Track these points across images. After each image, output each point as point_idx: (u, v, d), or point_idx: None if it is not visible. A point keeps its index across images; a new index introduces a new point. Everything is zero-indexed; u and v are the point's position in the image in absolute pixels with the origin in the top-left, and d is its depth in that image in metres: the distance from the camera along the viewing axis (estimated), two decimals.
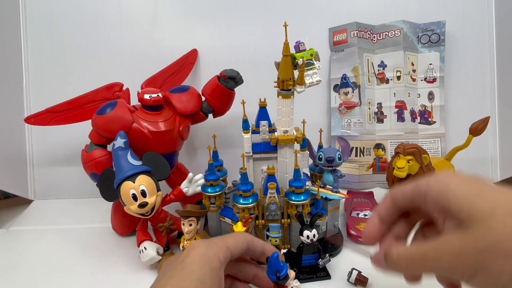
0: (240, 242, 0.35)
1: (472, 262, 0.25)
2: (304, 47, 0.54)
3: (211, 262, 0.31)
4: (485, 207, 0.25)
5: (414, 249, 0.30)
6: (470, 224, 0.26)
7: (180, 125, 0.70)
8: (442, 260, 0.26)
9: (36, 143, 0.88)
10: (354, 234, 0.64)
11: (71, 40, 0.87)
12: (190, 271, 0.30)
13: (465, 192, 0.27)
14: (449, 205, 0.27)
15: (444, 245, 0.27)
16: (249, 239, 0.36)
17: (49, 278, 0.57)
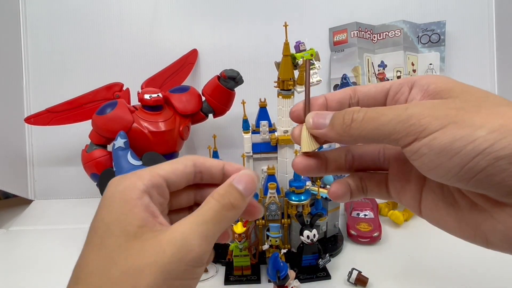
0: (179, 165, 0.26)
1: (450, 113, 0.20)
2: (304, 47, 0.54)
3: (123, 196, 0.23)
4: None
5: (373, 109, 0.23)
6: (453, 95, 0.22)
7: (180, 125, 0.70)
8: (411, 107, 0.22)
9: (36, 143, 0.88)
10: (354, 234, 0.64)
11: (71, 40, 0.87)
12: (99, 219, 0.24)
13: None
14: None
15: (418, 101, 0.23)
16: (196, 160, 0.26)
17: (49, 278, 0.57)
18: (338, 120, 0.24)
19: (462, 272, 0.55)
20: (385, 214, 0.71)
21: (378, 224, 0.65)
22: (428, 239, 0.65)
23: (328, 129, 0.25)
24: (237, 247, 0.54)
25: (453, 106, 0.21)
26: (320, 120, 0.25)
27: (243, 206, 0.25)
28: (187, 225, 0.22)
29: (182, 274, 0.21)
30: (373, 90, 0.26)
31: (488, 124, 0.19)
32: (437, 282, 0.54)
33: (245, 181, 0.25)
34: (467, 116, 0.20)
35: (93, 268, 0.22)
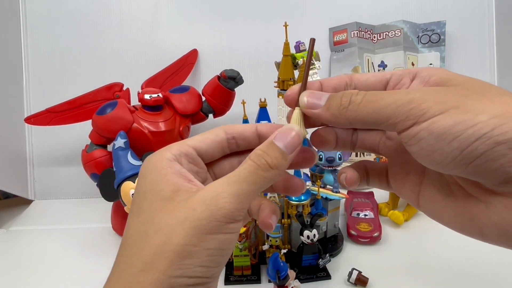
0: (210, 135, 0.26)
1: (451, 98, 0.20)
2: (304, 47, 0.54)
3: (154, 167, 0.24)
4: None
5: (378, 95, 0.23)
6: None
7: (180, 125, 0.70)
8: (412, 92, 0.22)
9: (36, 143, 0.88)
10: (354, 234, 0.64)
11: (71, 40, 0.87)
12: (137, 191, 0.24)
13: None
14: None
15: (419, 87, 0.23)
16: (226, 127, 0.26)
17: (49, 278, 0.57)
18: (335, 101, 0.24)
19: (462, 272, 0.55)
20: (385, 214, 0.71)
21: (378, 224, 0.65)
22: (428, 239, 0.65)
23: (323, 109, 0.24)
24: (237, 247, 0.54)
25: (455, 92, 0.21)
26: (315, 100, 0.25)
27: (283, 165, 0.24)
28: (219, 184, 0.23)
29: (214, 229, 0.22)
30: (371, 79, 0.26)
31: (490, 110, 0.19)
32: (437, 282, 0.54)
33: (288, 137, 0.24)
34: (469, 102, 0.20)
35: (133, 231, 0.23)
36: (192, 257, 0.21)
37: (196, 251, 0.21)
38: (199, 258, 0.21)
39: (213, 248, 0.22)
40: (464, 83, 0.22)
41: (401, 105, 0.21)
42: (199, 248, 0.21)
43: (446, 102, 0.20)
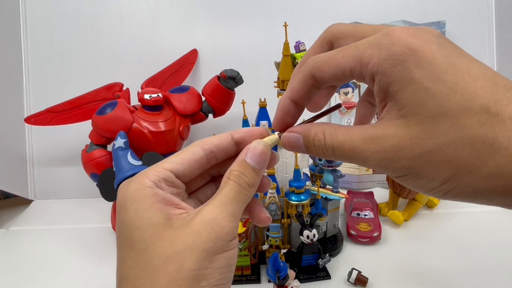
0: (186, 154, 0.26)
1: (405, 165, 0.21)
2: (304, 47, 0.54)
3: (136, 196, 0.23)
4: (434, 105, 0.20)
5: (345, 136, 0.23)
6: (411, 122, 0.21)
7: (180, 125, 0.70)
8: (373, 157, 0.22)
9: (36, 143, 0.88)
10: (354, 234, 0.64)
11: (71, 40, 0.87)
12: (120, 223, 0.24)
13: (422, 77, 0.20)
14: (401, 92, 0.21)
15: (375, 142, 0.22)
16: (203, 144, 0.26)
17: (49, 278, 0.57)
18: (315, 152, 0.25)
19: (461, 272, 0.55)
20: (385, 214, 0.71)
21: (378, 224, 0.65)
22: (427, 239, 0.65)
23: (306, 151, 0.26)
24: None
25: (405, 155, 0.22)
26: (298, 149, 0.27)
27: (258, 181, 0.26)
28: (215, 206, 0.24)
29: (221, 248, 0.23)
30: (333, 78, 0.24)
31: (439, 176, 0.21)
32: (437, 282, 0.54)
33: (256, 153, 0.26)
34: (419, 168, 0.21)
35: (132, 263, 0.22)
36: (206, 278, 0.22)
37: (209, 272, 0.22)
38: (213, 278, 0.22)
39: (223, 266, 0.23)
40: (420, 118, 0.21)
41: (369, 166, 0.23)
42: (211, 269, 0.22)
43: (401, 169, 0.22)
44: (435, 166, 0.21)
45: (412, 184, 0.23)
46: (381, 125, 0.22)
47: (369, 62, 0.22)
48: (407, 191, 0.68)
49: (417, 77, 0.21)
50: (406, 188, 0.68)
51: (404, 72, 0.21)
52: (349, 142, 0.23)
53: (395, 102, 0.22)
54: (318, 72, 0.24)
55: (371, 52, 0.22)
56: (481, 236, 0.64)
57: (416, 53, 0.21)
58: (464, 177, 0.20)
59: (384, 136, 0.22)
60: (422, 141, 0.21)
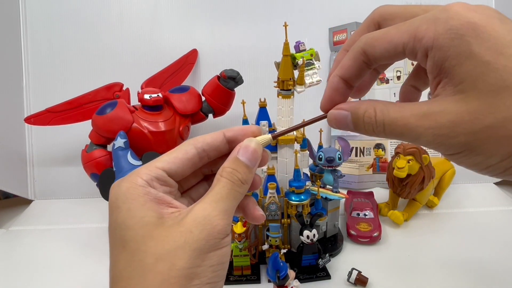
0: (178, 153, 0.26)
1: (462, 141, 0.21)
2: (304, 47, 0.54)
3: (128, 196, 0.23)
4: (497, 79, 0.20)
5: (397, 113, 0.23)
6: (471, 96, 0.20)
7: (180, 125, 0.70)
8: (427, 133, 0.22)
9: (36, 143, 0.88)
10: (354, 234, 0.64)
11: (71, 40, 0.87)
12: (112, 223, 0.23)
13: (483, 51, 0.20)
14: (459, 66, 0.20)
15: (431, 117, 0.22)
16: (195, 142, 0.27)
17: (49, 278, 0.57)
18: (363, 130, 0.25)
19: (461, 272, 0.55)
20: (385, 214, 0.71)
21: (378, 224, 0.65)
22: (427, 239, 0.65)
23: (354, 128, 0.26)
24: (237, 247, 0.54)
25: (463, 130, 0.21)
26: (344, 127, 0.26)
27: (251, 179, 0.26)
28: (207, 204, 0.24)
29: (213, 246, 0.23)
30: (385, 54, 0.24)
31: (499, 152, 0.21)
32: (436, 282, 0.54)
33: (248, 151, 0.26)
34: (478, 144, 0.21)
35: (124, 263, 0.22)
36: (199, 277, 0.22)
37: (201, 270, 0.22)
38: (205, 276, 0.22)
39: (216, 264, 0.23)
40: (480, 92, 0.21)
41: (422, 144, 0.23)
42: (203, 267, 0.22)
43: (459, 145, 0.21)
44: (496, 142, 0.20)
45: (467, 161, 0.22)
46: (437, 102, 0.22)
47: (424, 37, 0.21)
48: (407, 191, 0.68)
49: (478, 51, 0.20)
50: (406, 188, 0.68)
51: (463, 46, 0.20)
52: (401, 118, 0.23)
53: (452, 78, 0.21)
54: (370, 48, 0.24)
55: (427, 27, 0.21)
56: (481, 236, 0.64)
57: (476, 27, 0.20)
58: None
59: (440, 111, 0.21)
60: (482, 116, 0.20)
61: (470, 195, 0.81)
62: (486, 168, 0.21)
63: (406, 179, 0.67)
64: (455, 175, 0.78)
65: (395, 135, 0.23)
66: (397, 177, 0.67)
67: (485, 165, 0.21)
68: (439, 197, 0.76)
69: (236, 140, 0.27)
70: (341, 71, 0.26)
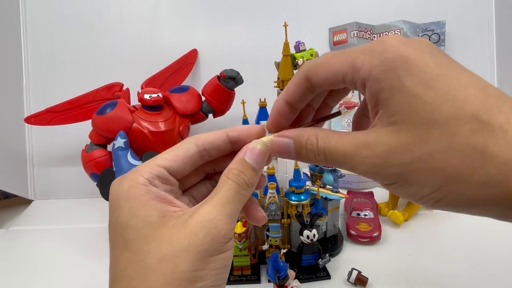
0: (179, 151, 0.26)
1: (396, 171, 0.21)
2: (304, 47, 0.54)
3: (130, 194, 0.23)
4: (426, 112, 0.20)
5: (337, 141, 0.24)
6: (402, 129, 0.21)
7: (180, 125, 0.70)
8: (364, 162, 0.22)
9: (36, 143, 0.88)
10: (354, 234, 0.64)
11: (71, 40, 0.87)
12: (113, 222, 0.23)
13: (413, 84, 0.20)
14: (392, 98, 0.21)
15: (367, 148, 0.22)
16: (196, 140, 0.26)
17: (49, 278, 0.57)
18: (305, 159, 0.25)
19: (461, 272, 0.55)
20: (385, 214, 0.71)
21: (378, 224, 0.65)
22: (427, 239, 0.65)
23: (296, 156, 0.26)
24: (237, 247, 0.54)
25: (396, 162, 0.22)
26: (287, 156, 0.26)
27: (257, 181, 0.26)
28: (212, 207, 0.23)
29: (217, 250, 0.22)
30: (326, 82, 0.25)
31: (429, 184, 0.21)
32: (436, 282, 0.54)
33: (255, 153, 0.26)
34: (410, 175, 0.21)
35: (126, 263, 0.22)
36: (202, 280, 0.22)
37: (204, 274, 0.22)
38: (208, 279, 0.22)
39: (219, 268, 0.23)
40: (411, 125, 0.21)
41: (359, 173, 0.23)
42: (207, 270, 0.22)
43: (392, 176, 0.22)
44: (426, 173, 0.21)
45: (402, 192, 0.22)
46: (373, 132, 0.23)
47: (361, 68, 0.22)
48: None
49: (408, 84, 0.21)
50: None
51: (395, 79, 0.21)
52: (341, 146, 0.23)
53: (386, 109, 0.22)
54: (313, 75, 0.25)
55: (364, 58, 0.22)
56: (481, 236, 0.64)
57: (408, 60, 0.21)
58: (455, 185, 0.20)
59: (375, 142, 0.22)
60: (413, 147, 0.21)
61: None
62: (421, 199, 0.22)
63: None
64: None
65: (336, 163, 0.24)
66: None
67: (418, 196, 0.22)
68: None
69: (240, 140, 0.27)
70: (286, 95, 0.27)
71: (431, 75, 0.21)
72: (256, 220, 0.28)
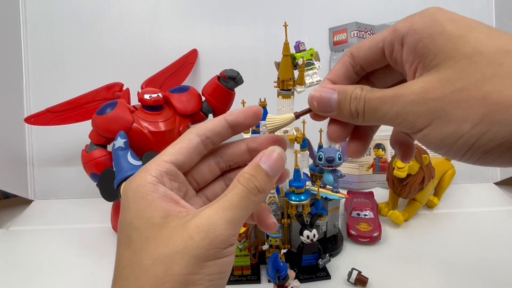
0: (182, 143, 0.25)
1: (431, 107, 0.21)
2: (304, 47, 0.54)
3: (137, 194, 0.23)
4: (469, 47, 0.20)
5: (378, 92, 0.24)
6: (443, 66, 0.21)
7: (180, 125, 0.70)
8: (397, 103, 0.22)
9: (36, 143, 0.88)
10: (354, 234, 0.64)
11: (71, 40, 0.87)
12: (122, 221, 0.24)
13: (455, 28, 0.21)
14: (432, 43, 0.21)
15: (404, 88, 0.22)
16: (197, 130, 0.26)
17: (49, 278, 0.57)
18: (345, 109, 0.25)
19: (461, 272, 0.55)
20: (385, 214, 0.71)
21: (378, 224, 0.65)
22: (427, 239, 0.65)
23: (336, 114, 0.26)
24: (237, 247, 0.54)
25: (433, 96, 0.21)
26: (326, 107, 0.26)
27: (270, 188, 0.25)
28: (213, 211, 0.23)
29: (213, 255, 0.22)
30: (368, 53, 0.26)
31: (471, 116, 0.20)
32: (436, 282, 0.54)
33: (271, 159, 0.25)
34: (449, 108, 0.20)
35: (126, 262, 0.23)
36: (195, 284, 0.21)
37: (198, 278, 0.21)
38: (202, 285, 0.22)
39: (214, 273, 0.22)
40: (447, 60, 0.21)
41: (392, 118, 0.23)
42: (200, 275, 0.22)
43: (427, 113, 0.21)
44: (467, 104, 0.20)
45: (437, 134, 0.21)
46: (414, 80, 0.23)
47: (401, 28, 0.23)
48: (407, 191, 0.68)
49: (450, 28, 0.21)
50: (406, 188, 0.68)
51: (436, 26, 0.21)
52: (381, 93, 0.23)
53: (426, 57, 0.22)
54: (356, 50, 0.26)
55: (404, 22, 0.23)
56: (481, 236, 0.64)
57: (449, 14, 0.22)
58: (501, 113, 0.19)
59: (413, 83, 0.22)
60: (454, 80, 0.20)
61: (470, 195, 0.81)
62: (461, 138, 0.20)
63: (406, 179, 0.67)
64: (455, 175, 0.78)
65: (372, 112, 0.23)
66: (397, 177, 0.67)
67: (458, 134, 0.20)
68: (439, 197, 0.76)
69: (237, 123, 0.27)
70: (330, 74, 0.28)
71: (474, 23, 0.21)
72: (266, 226, 0.27)
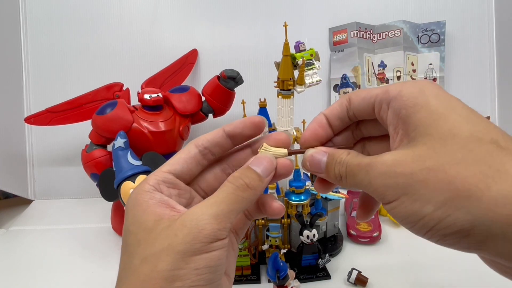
0: (181, 154, 0.27)
1: (400, 182, 0.21)
2: (304, 47, 0.54)
3: (136, 202, 0.24)
4: (446, 128, 0.21)
5: (360, 156, 0.25)
6: (419, 142, 0.22)
7: (180, 125, 0.70)
8: (370, 172, 0.23)
9: (36, 143, 0.88)
10: (354, 234, 0.64)
11: (71, 40, 0.87)
12: (123, 229, 0.25)
13: (439, 105, 0.22)
14: (414, 114, 0.22)
15: (378, 158, 0.23)
16: (195, 141, 0.27)
17: (49, 278, 0.57)
18: (331, 173, 0.26)
19: (461, 272, 0.55)
20: (385, 214, 0.71)
21: (378, 224, 0.65)
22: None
23: (324, 176, 0.27)
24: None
25: (403, 170, 0.22)
26: (317, 168, 0.27)
27: (260, 186, 0.25)
28: (198, 207, 0.24)
29: (198, 250, 0.22)
30: (362, 104, 0.27)
31: (434, 199, 0.20)
32: (436, 282, 0.54)
33: (262, 162, 0.26)
34: (416, 187, 0.21)
35: (122, 265, 0.24)
36: (181, 279, 0.22)
37: (184, 273, 0.22)
38: (189, 279, 0.22)
39: (201, 268, 0.22)
40: (425, 136, 0.22)
41: (366, 185, 0.24)
42: (186, 270, 0.22)
43: (397, 187, 0.22)
44: (433, 186, 0.20)
45: (403, 211, 0.22)
46: (392, 151, 0.24)
47: (392, 90, 0.24)
48: None
49: (433, 103, 0.22)
50: None
51: (421, 98, 0.23)
52: (360, 159, 0.24)
53: (407, 126, 0.23)
54: (354, 97, 0.27)
55: (396, 85, 0.25)
56: None
57: (437, 90, 0.23)
58: (463, 201, 0.20)
59: (388, 153, 0.23)
60: (425, 158, 0.21)
61: None
62: (422, 219, 0.21)
63: None
64: None
65: (351, 176, 0.25)
66: None
67: (420, 215, 0.21)
68: None
69: (236, 133, 0.28)
70: (327, 111, 0.29)
71: (456, 103, 0.22)
72: (273, 211, 0.28)
